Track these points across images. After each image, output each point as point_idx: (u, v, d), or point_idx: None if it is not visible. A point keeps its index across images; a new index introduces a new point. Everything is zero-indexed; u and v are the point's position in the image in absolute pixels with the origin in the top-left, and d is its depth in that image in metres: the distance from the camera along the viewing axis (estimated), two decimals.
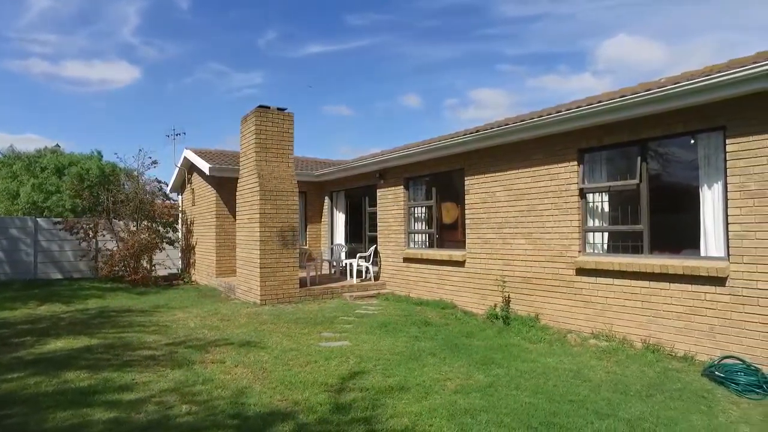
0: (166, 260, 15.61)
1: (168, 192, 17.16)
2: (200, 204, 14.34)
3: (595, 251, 7.05)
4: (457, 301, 9.27)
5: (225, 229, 12.93)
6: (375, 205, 12.13)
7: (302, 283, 10.74)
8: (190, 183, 15.50)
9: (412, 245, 10.98)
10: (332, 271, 13.60)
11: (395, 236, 11.25)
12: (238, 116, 10.95)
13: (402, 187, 11.03)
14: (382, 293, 11.05)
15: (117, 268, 13.57)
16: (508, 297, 8.04)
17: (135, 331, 7.30)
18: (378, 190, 11.89)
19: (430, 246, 10.49)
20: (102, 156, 33.21)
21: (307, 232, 14.73)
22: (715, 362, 5.23)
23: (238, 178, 11.18)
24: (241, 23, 69.50)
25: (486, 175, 8.66)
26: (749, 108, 5.28)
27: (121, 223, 14.47)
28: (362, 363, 5.57)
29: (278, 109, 10.45)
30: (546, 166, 7.54)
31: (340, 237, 14.34)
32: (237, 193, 11.14)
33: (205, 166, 12.66)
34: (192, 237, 15.20)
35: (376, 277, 11.73)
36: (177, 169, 15.82)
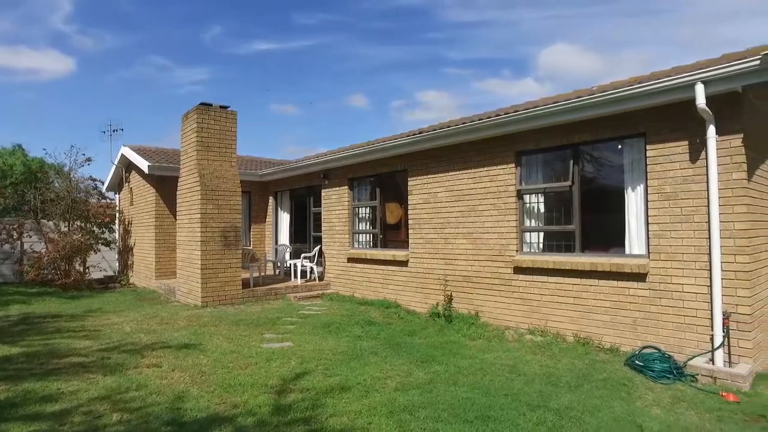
0: (102, 262, 14.89)
1: (104, 191, 16.36)
2: (139, 203, 13.79)
3: (532, 250, 7.36)
4: (400, 300, 9.41)
5: (165, 229, 12.50)
6: (320, 206, 12.10)
7: (245, 284, 10.57)
8: (129, 182, 14.87)
9: (356, 245, 11.03)
10: (277, 272, 13.44)
11: (340, 236, 11.27)
12: (181, 113, 10.61)
13: (346, 187, 11.07)
14: (326, 293, 11.04)
15: (45, 272, 12.82)
16: (450, 295, 8.24)
17: (63, 338, 6.93)
18: (322, 191, 11.87)
19: (374, 246, 10.58)
20: (25, 151, 31.08)
21: (251, 233, 14.50)
22: (637, 352, 5.60)
23: (178, 177, 10.84)
24: (185, 16, 67.28)
25: (428, 176, 8.84)
26: (665, 117, 5.68)
27: (51, 223, 13.69)
28: (304, 363, 5.57)
29: (221, 106, 10.23)
30: (485, 168, 7.79)
31: (284, 237, 14.19)
32: (177, 193, 10.81)
33: (144, 164, 12.19)
34: (130, 238, 14.59)
35: (321, 278, 11.71)
36: (114, 167, 15.13)
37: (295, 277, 11.65)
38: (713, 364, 5.12)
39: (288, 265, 12.65)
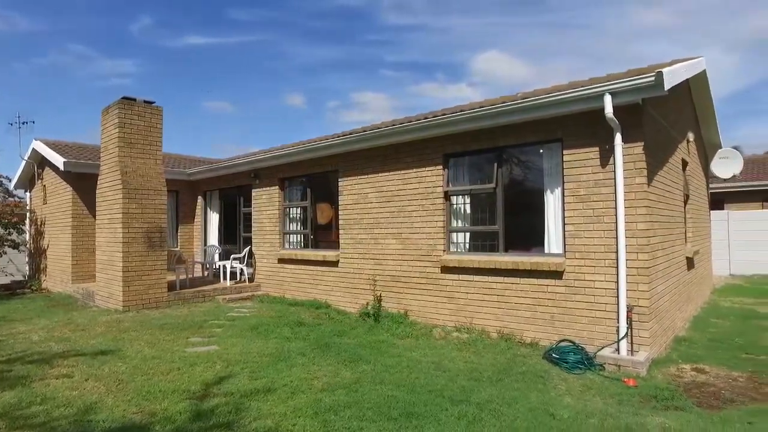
0: (8, 266, 13.77)
1: (12, 189, 15.14)
2: (53, 203, 12.89)
3: (459, 250, 7.60)
4: (331, 300, 9.41)
5: (83, 230, 11.77)
6: (250, 206, 11.86)
7: (172, 286, 10.16)
8: (41, 179, 13.86)
9: (287, 246, 10.92)
10: (206, 274, 13.03)
11: (270, 237, 11.11)
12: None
13: (277, 187, 10.93)
14: (256, 295, 10.85)
15: None
16: (380, 295, 8.34)
17: None
18: (253, 191, 11.65)
19: (305, 246, 10.52)
20: None
21: (179, 233, 13.96)
22: (554, 346, 5.93)
23: (98, 175, 10.25)
24: (110, 3, 63.40)
25: (359, 177, 8.90)
26: (580, 124, 6.07)
27: None
28: (230, 367, 5.46)
29: (146, 101, 9.78)
30: (415, 170, 7.96)
31: (214, 238, 13.78)
32: (97, 191, 10.21)
33: (59, 160, 11.42)
34: (43, 239, 13.60)
35: (251, 279, 11.49)
36: (24, 162, 14.04)
37: (225, 278, 11.36)
38: (618, 353, 5.53)
39: (217, 267, 12.29)
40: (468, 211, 7.57)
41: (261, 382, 4.91)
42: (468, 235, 7.57)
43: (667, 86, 5.14)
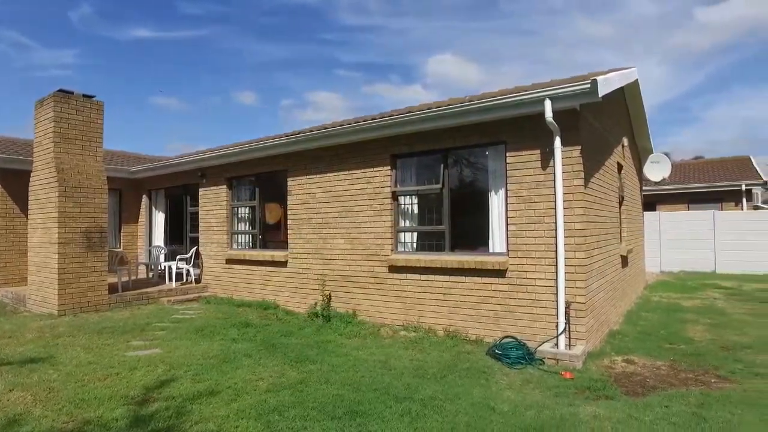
0: None
1: None
2: None
3: (406, 250, 7.70)
4: (280, 301, 9.32)
5: (14, 230, 11.10)
6: (197, 205, 11.57)
7: (113, 289, 9.76)
8: None
9: (235, 246, 10.72)
10: (150, 275, 12.59)
11: (218, 237, 10.87)
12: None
13: (225, 186, 10.71)
14: (203, 296, 10.60)
15: None
16: (329, 295, 8.34)
17: None
18: (200, 190, 11.37)
19: (254, 247, 10.37)
20: None
21: (122, 234, 13.44)
22: (498, 342, 6.12)
23: (32, 172, 9.70)
24: None
25: (308, 177, 8.86)
26: (522, 128, 6.29)
27: None
28: (172, 370, 5.31)
29: (84, 95, 9.34)
30: (363, 170, 8.00)
31: (159, 238, 13.34)
32: (30, 189, 9.66)
33: None
34: None
35: (198, 280, 11.20)
36: None
37: (170, 280, 11.02)
38: (557, 348, 5.77)
39: (163, 268, 11.92)
40: (415, 211, 7.69)
41: (204, 385, 4.81)
42: (415, 234, 7.69)
43: (601, 93, 5.41)
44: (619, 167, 9.15)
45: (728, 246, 16.21)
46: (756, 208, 19.95)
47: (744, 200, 19.64)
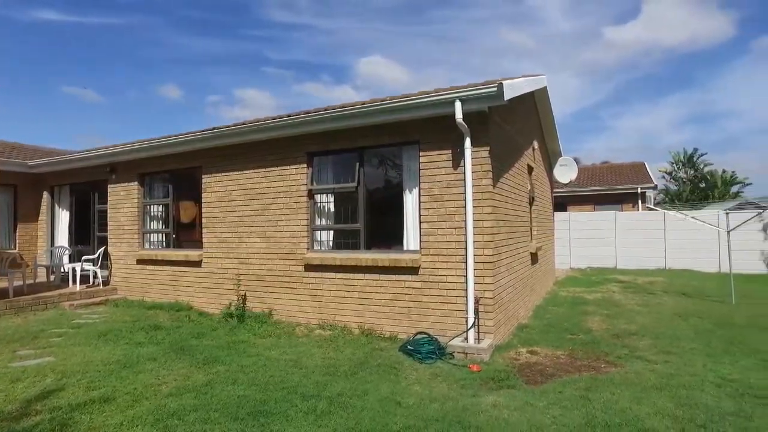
0: None
1: None
2: None
3: (322, 248, 7.65)
4: (194, 302, 8.95)
5: None
6: (106, 203, 10.83)
7: (4, 294, 8.91)
8: None
9: (147, 246, 10.16)
10: (52, 278, 11.59)
11: (128, 236, 10.26)
12: None
13: (136, 183, 10.13)
14: (111, 299, 9.95)
15: None
16: (244, 295, 8.11)
17: None
18: (109, 186, 10.67)
19: (167, 246, 9.88)
20: None
21: (17, 234, 12.29)
22: (411, 338, 6.22)
23: None
24: None
25: (223, 174, 8.58)
26: (435, 128, 6.45)
27: None
28: (64, 379, 4.93)
29: None
30: (279, 168, 7.86)
31: (63, 238, 12.33)
32: None
33: None
34: None
35: (106, 282, 10.51)
36: None
37: (75, 282, 10.22)
38: (467, 342, 5.96)
39: (66, 270, 11.04)
40: (332, 209, 7.66)
41: (98, 393, 4.51)
42: (332, 233, 7.66)
43: (507, 96, 5.67)
44: (530, 169, 9.62)
45: (627, 244, 17.58)
46: (649, 209, 21.81)
47: (639, 202, 21.40)
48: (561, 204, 21.62)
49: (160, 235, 10.12)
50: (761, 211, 15.07)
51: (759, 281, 13.91)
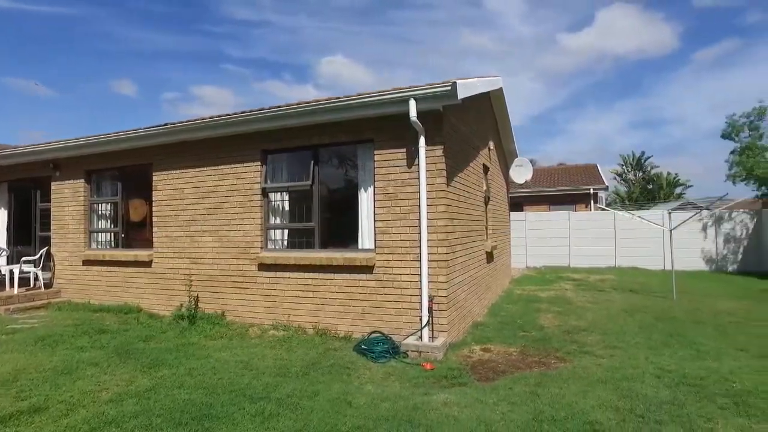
0: None
1: None
2: None
3: (277, 247, 7.52)
4: (143, 304, 8.64)
5: None
6: (49, 201, 10.31)
7: None
8: None
9: (94, 246, 9.74)
10: None
11: (73, 236, 9.80)
12: None
13: (82, 180, 9.68)
14: (54, 302, 9.47)
15: None
16: (197, 296, 7.88)
17: None
18: (53, 184, 10.15)
19: (116, 246, 9.50)
20: None
21: None
22: (365, 338, 6.19)
23: None
24: None
25: (175, 172, 8.32)
26: (390, 127, 6.43)
27: None
28: None
29: None
30: (232, 165, 7.68)
31: (1, 239, 11.67)
32: None
33: None
34: None
35: (49, 285, 10.00)
36: None
37: (12, 285, 9.67)
38: (421, 340, 5.98)
39: (4, 273, 10.43)
40: (286, 208, 7.55)
41: (29, 402, 4.26)
42: (286, 232, 7.55)
43: (460, 96, 5.71)
44: (485, 168, 9.76)
45: (580, 243, 18.13)
46: (600, 209, 22.58)
47: (592, 202, 22.12)
48: (518, 204, 22.10)
49: (108, 234, 9.72)
50: (698, 211, 15.83)
51: (699, 277, 14.63)
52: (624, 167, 43.70)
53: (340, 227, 7.29)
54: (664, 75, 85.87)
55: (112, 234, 9.65)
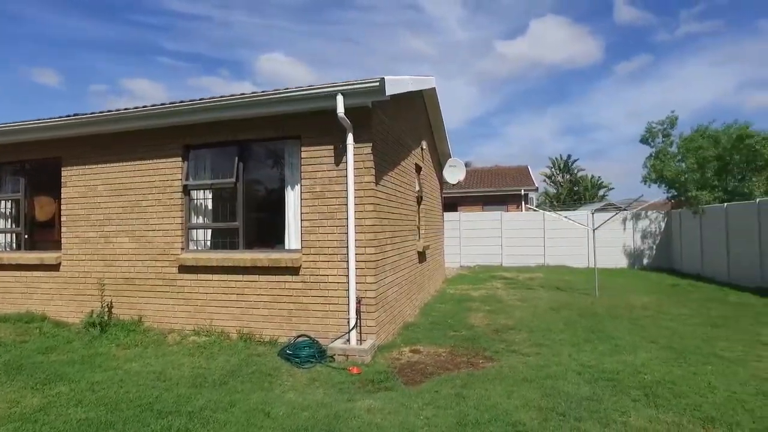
0: None
1: None
2: None
3: (199, 248, 7.10)
4: (49, 311, 7.89)
5: None
6: None
7: None
8: None
9: None
10: None
11: None
12: None
13: None
14: None
15: None
16: (111, 301, 7.30)
17: None
18: None
19: (18, 248, 8.65)
20: None
21: None
22: (290, 342, 5.93)
23: None
24: None
25: (87, 167, 7.66)
26: (317, 123, 6.21)
27: None
28: None
29: None
30: (151, 161, 7.18)
31: None
32: None
33: None
34: None
35: None
36: None
37: None
38: (349, 343, 5.81)
39: None
40: (209, 206, 7.14)
41: None
42: (209, 232, 7.14)
43: (388, 92, 5.58)
44: (418, 168, 9.74)
45: (511, 242, 18.65)
46: (529, 209, 23.41)
47: (523, 203, 22.86)
48: (453, 204, 22.45)
49: (8, 235, 8.83)
50: (616, 213, 16.72)
51: (620, 274, 15.42)
52: (553, 170, 45.73)
53: (267, 227, 6.99)
54: (591, 84, 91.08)
55: (14, 234, 8.77)
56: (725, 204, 13.57)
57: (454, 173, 12.80)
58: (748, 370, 5.23)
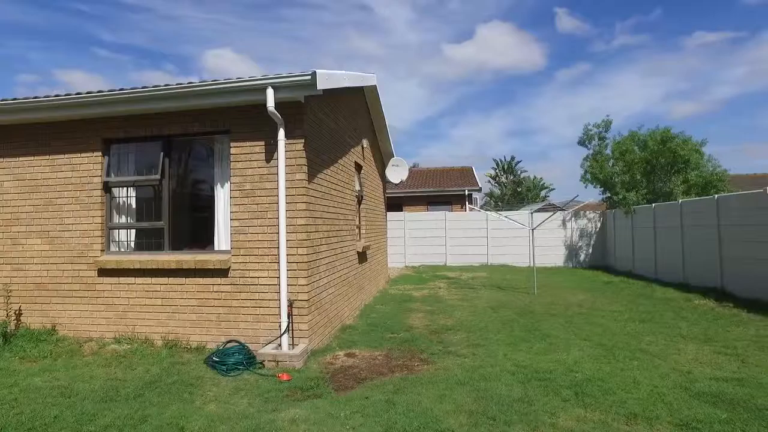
0: None
1: None
2: None
3: (121, 249, 6.62)
4: None
5: None
6: None
7: None
8: None
9: None
10: None
11: None
12: None
13: None
14: None
15: None
16: (19, 309, 6.67)
17: None
18: None
19: None
20: None
21: None
22: (218, 348, 5.60)
23: None
24: None
25: None
26: (247, 117, 5.92)
27: None
28: None
29: None
30: (68, 155, 6.62)
31: None
32: None
33: None
34: None
35: None
36: None
37: None
38: (280, 348, 5.55)
39: None
40: (133, 205, 6.68)
41: None
42: (132, 232, 6.67)
43: (320, 86, 5.37)
44: (358, 167, 9.56)
45: (455, 242, 18.82)
46: (472, 209, 23.79)
47: (467, 203, 23.16)
48: (398, 204, 22.44)
49: None
50: (553, 213, 17.18)
51: (558, 272, 15.85)
52: (498, 171, 46.83)
53: (196, 227, 6.62)
54: (534, 89, 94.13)
55: None
56: (653, 204, 14.21)
57: (397, 172, 12.72)
58: (669, 364, 5.39)
